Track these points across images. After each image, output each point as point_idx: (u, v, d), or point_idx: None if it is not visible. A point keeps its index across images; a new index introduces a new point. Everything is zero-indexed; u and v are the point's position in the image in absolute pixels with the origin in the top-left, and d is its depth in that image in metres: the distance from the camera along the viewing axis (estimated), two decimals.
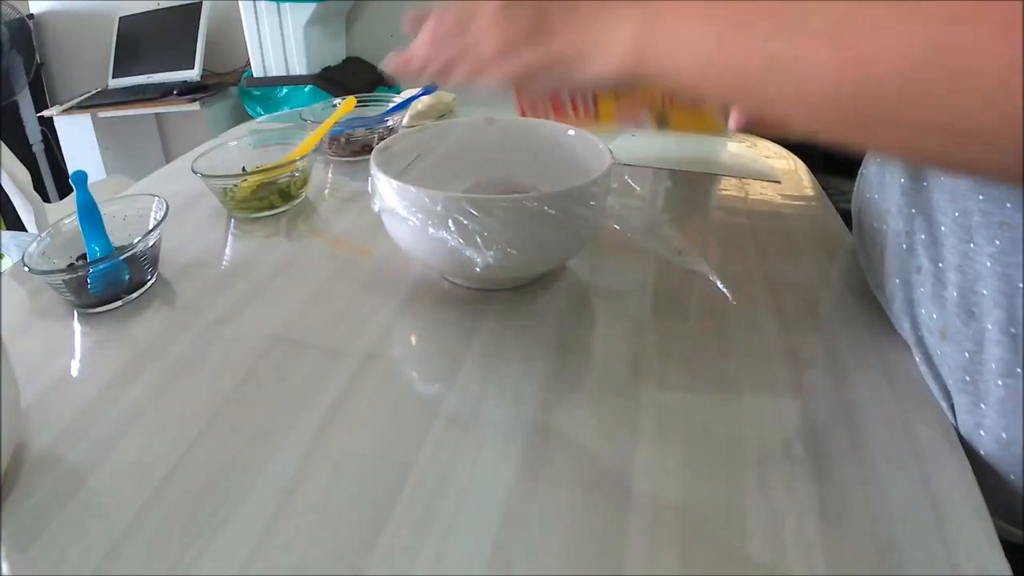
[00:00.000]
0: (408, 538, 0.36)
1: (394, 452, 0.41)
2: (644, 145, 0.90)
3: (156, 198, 0.63)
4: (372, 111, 0.93)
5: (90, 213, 0.59)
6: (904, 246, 0.47)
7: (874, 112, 0.29)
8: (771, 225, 0.68)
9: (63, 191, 2.53)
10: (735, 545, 0.35)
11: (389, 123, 0.89)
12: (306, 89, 2.07)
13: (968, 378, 0.41)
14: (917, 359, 0.47)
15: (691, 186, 0.80)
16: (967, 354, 0.41)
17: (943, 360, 0.44)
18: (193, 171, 0.71)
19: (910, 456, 0.40)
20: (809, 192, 0.76)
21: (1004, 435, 0.39)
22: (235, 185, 0.71)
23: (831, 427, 0.43)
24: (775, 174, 0.80)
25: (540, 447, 0.41)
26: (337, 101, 0.90)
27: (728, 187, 0.78)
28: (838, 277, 0.59)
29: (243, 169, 0.75)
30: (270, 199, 0.71)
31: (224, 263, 0.64)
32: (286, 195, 0.73)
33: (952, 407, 0.43)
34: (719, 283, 0.55)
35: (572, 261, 0.61)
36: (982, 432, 0.41)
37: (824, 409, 0.44)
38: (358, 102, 0.91)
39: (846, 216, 0.71)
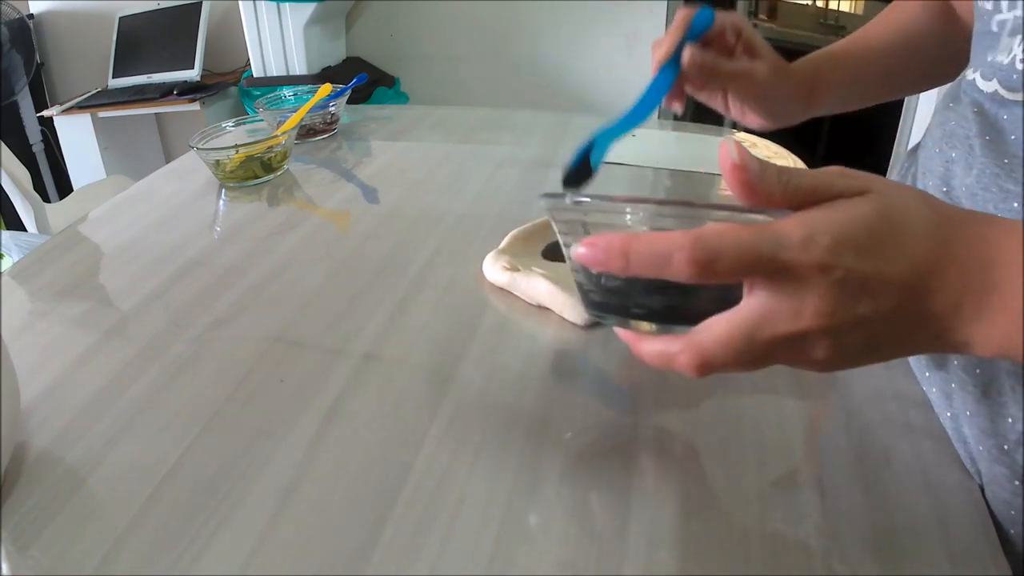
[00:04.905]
0: (408, 538, 0.36)
1: (394, 452, 0.41)
2: (644, 145, 0.90)
3: None
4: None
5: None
6: None
7: None
8: None
9: (63, 191, 2.52)
10: (735, 546, 0.35)
11: (331, 108, 0.97)
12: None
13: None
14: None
15: (691, 186, 0.80)
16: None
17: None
18: (190, 146, 0.81)
19: (911, 457, 0.40)
20: None
21: None
22: (227, 158, 0.81)
23: (831, 429, 0.43)
24: None
25: (540, 447, 0.41)
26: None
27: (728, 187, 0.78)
28: None
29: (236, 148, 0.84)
30: (254, 170, 0.82)
31: (223, 260, 0.64)
32: (268, 167, 0.83)
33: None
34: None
35: None
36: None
37: (824, 411, 0.44)
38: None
39: None
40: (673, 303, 0.30)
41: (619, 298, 0.31)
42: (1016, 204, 0.40)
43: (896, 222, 0.29)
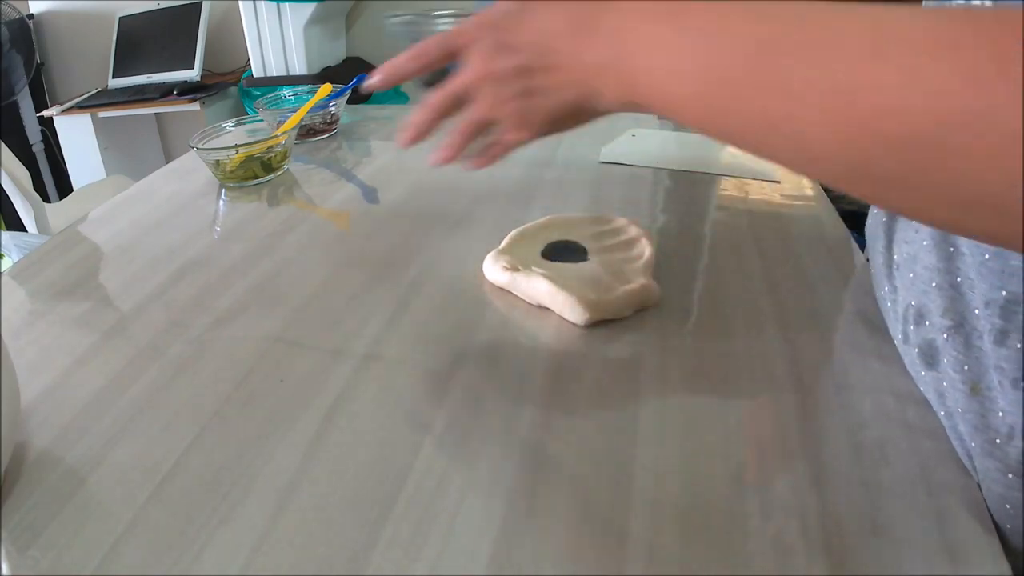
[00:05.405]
0: (408, 538, 0.36)
1: (394, 452, 0.41)
2: (644, 145, 0.90)
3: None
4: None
5: None
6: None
7: (881, 174, 0.27)
8: (771, 225, 0.68)
9: (63, 191, 2.52)
10: (735, 546, 0.35)
11: (331, 108, 0.98)
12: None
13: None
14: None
15: (691, 186, 0.80)
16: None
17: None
18: (190, 146, 0.82)
19: (910, 456, 0.40)
20: (809, 192, 0.76)
21: None
22: (227, 158, 0.82)
23: (830, 427, 0.43)
24: (775, 174, 0.80)
25: (540, 447, 0.41)
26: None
27: (728, 187, 0.78)
28: (838, 277, 0.59)
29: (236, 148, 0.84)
30: (254, 170, 0.83)
31: (223, 260, 0.64)
32: (268, 167, 0.84)
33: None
34: None
35: None
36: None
37: (823, 410, 0.44)
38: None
39: (846, 216, 0.71)
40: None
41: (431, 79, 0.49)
42: None
43: (529, 7, 0.41)
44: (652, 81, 0.36)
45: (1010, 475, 0.38)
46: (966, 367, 0.40)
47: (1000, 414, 0.38)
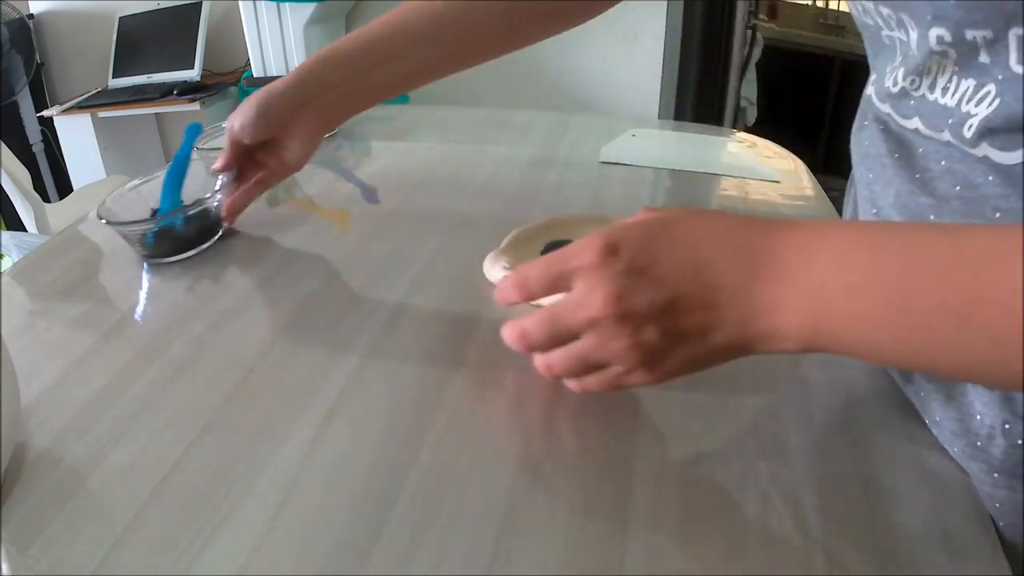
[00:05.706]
0: (408, 538, 0.36)
1: (394, 452, 0.41)
2: (644, 145, 0.90)
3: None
4: None
5: (179, 169, 0.67)
6: None
7: None
8: None
9: (63, 191, 2.52)
10: (734, 544, 0.35)
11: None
12: None
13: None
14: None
15: (691, 186, 0.80)
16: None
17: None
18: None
19: (910, 456, 0.41)
20: (809, 192, 0.76)
21: None
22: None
23: (831, 428, 0.43)
24: (775, 174, 0.80)
25: (541, 446, 0.41)
26: None
27: (728, 187, 0.78)
28: None
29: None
30: None
31: (224, 259, 0.64)
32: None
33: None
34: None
35: None
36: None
37: (823, 408, 0.44)
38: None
39: None
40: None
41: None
42: (932, 217, 0.40)
43: (669, 224, 0.34)
44: (847, 327, 0.31)
45: (995, 474, 0.38)
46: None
47: (978, 417, 0.39)
